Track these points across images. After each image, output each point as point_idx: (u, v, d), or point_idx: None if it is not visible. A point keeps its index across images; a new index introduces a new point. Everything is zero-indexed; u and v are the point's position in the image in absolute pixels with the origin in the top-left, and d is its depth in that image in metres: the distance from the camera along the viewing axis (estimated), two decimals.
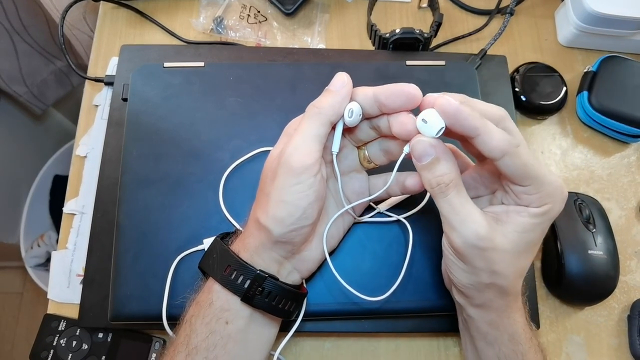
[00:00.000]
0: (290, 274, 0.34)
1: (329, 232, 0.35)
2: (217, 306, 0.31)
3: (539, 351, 0.32)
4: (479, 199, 0.33)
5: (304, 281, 0.36)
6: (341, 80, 0.30)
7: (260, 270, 0.31)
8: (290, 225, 0.30)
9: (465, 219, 0.28)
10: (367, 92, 0.30)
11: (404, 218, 0.38)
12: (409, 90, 0.29)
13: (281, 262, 0.32)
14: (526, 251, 0.30)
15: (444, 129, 0.28)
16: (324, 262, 0.36)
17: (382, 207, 0.38)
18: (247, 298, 0.31)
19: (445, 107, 0.27)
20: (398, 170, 0.30)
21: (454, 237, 0.29)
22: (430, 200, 0.40)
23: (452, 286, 0.34)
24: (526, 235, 0.29)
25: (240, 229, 0.38)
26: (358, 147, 0.35)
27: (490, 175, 0.32)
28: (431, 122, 0.28)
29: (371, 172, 0.36)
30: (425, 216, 0.39)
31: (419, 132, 0.28)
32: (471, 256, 0.29)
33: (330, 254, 0.37)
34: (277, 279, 0.31)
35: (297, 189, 0.29)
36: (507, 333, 0.31)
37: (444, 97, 0.27)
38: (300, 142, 0.30)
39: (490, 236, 0.28)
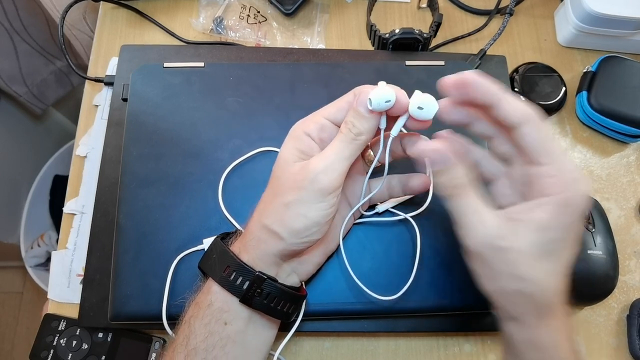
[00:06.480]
0: (289, 277, 0.34)
1: (331, 235, 0.35)
2: (216, 307, 0.31)
3: None
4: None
5: (303, 283, 0.36)
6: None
7: (259, 272, 0.31)
8: (305, 238, 0.30)
9: (478, 219, 0.28)
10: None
11: (411, 217, 0.38)
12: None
13: (280, 264, 0.32)
14: (551, 253, 0.27)
15: (437, 110, 0.29)
16: (323, 265, 0.36)
17: (381, 207, 0.39)
18: (246, 299, 0.31)
19: (465, 75, 0.28)
20: (401, 172, 0.31)
21: (468, 239, 0.29)
22: (431, 201, 0.40)
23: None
24: (546, 233, 0.27)
25: (241, 229, 0.38)
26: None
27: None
28: (428, 107, 0.29)
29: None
30: (426, 216, 0.39)
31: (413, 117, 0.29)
32: (489, 258, 0.28)
33: (331, 256, 0.37)
34: (276, 281, 0.31)
35: (321, 207, 0.30)
36: (549, 355, 0.28)
37: (462, 72, 0.29)
38: (334, 162, 0.29)
39: (503, 234, 0.27)
